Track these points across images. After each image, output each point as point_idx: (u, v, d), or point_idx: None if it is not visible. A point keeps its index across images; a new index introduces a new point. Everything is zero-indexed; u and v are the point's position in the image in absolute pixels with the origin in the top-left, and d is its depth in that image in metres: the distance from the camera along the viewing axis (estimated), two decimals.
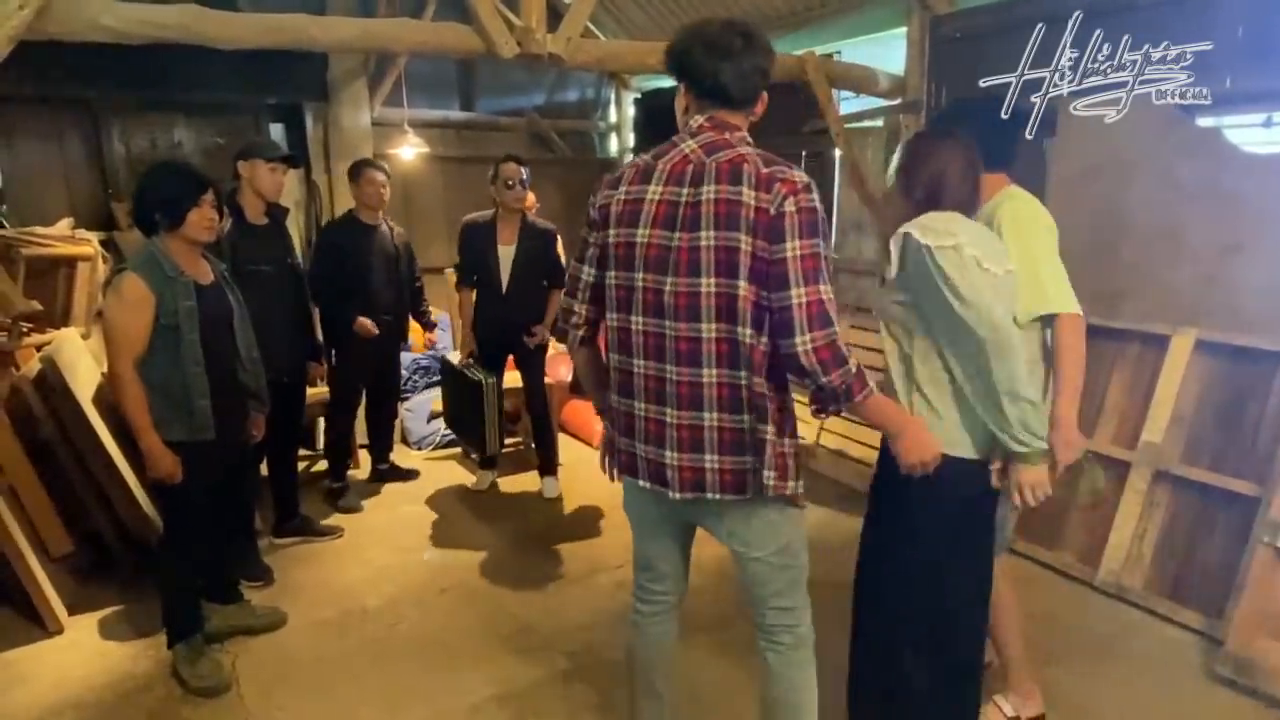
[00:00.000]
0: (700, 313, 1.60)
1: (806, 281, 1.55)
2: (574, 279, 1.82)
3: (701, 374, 1.63)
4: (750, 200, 1.55)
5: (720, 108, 1.67)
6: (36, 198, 4.71)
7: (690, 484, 1.69)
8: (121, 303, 2.36)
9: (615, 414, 1.79)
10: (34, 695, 2.58)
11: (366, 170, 3.90)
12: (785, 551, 1.78)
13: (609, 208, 1.72)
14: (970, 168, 1.83)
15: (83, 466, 3.21)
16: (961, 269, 1.69)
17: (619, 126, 7.19)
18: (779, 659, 1.85)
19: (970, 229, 1.77)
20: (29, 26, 2.59)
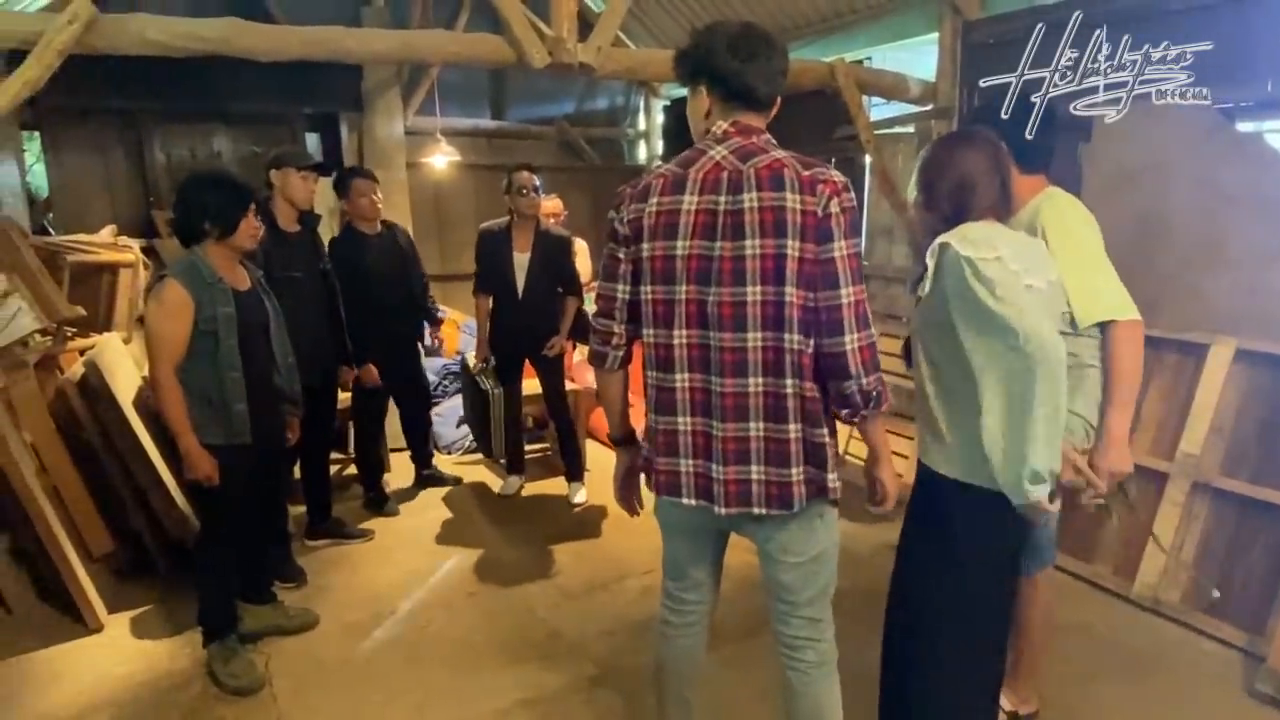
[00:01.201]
0: (746, 322, 1.59)
1: (853, 281, 1.57)
2: (608, 299, 1.75)
3: (748, 384, 1.61)
4: (796, 205, 1.54)
5: (745, 110, 1.67)
6: (81, 206, 4.85)
7: (736, 498, 1.66)
8: (162, 309, 2.42)
9: (653, 434, 1.74)
10: (74, 691, 2.64)
11: (353, 181, 3.84)
12: (820, 558, 1.76)
13: (641, 221, 1.67)
14: (996, 168, 1.74)
15: (123, 468, 3.29)
16: (1007, 284, 1.59)
17: (648, 134, 7.22)
18: (801, 678, 1.81)
19: (1012, 240, 1.70)
20: (77, 41, 2.67)
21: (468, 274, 4.15)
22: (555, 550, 3.67)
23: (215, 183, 2.60)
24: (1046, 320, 1.61)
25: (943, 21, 4.36)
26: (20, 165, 4.55)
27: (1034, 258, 1.73)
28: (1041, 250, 1.81)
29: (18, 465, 2.88)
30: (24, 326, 2.94)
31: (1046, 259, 1.78)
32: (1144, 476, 3.08)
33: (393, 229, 4.04)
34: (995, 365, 1.60)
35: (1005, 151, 1.78)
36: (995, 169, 1.74)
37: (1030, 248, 1.77)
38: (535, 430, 5.05)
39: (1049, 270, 1.74)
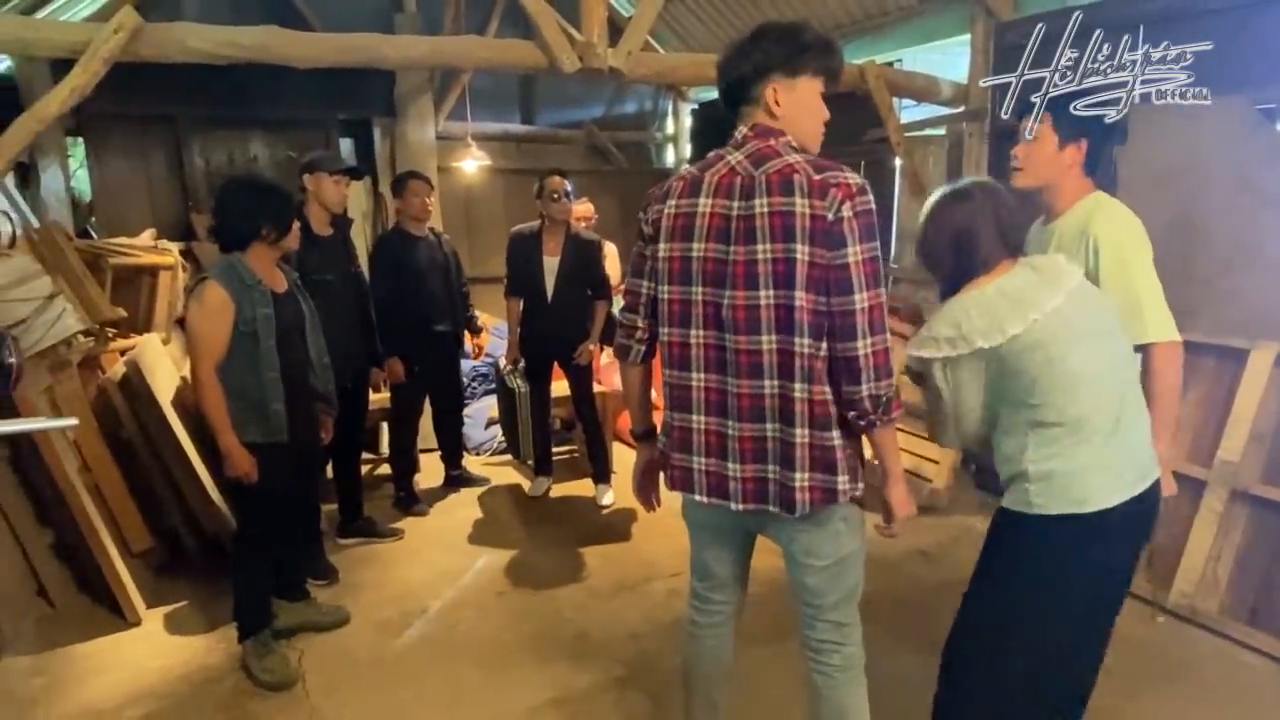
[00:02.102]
0: (760, 325, 1.60)
1: (868, 286, 1.56)
2: (634, 294, 1.81)
3: (763, 385, 1.63)
4: (804, 209, 1.55)
5: (752, 111, 1.68)
6: (123, 210, 4.97)
7: (753, 495, 1.68)
8: (203, 310, 2.48)
9: (669, 429, 1.78)
10: (114, 683, 2.71)
11: (410, 182, 3.94)
12: (845, 562, 1.76)
13: (660, 221, 1.72)
14: (991, 215, 1.70)
15: (162, 466, 3.36)
16: (1016, 354, 1.62)
17: (676, 137, 7.23)
18: (826, 681, 1.82)
19: (974, 308, 1.65)
20: (123, 49, 2.75)
21: (496, 277, 4.20)
22: (583, 552, 3.68)
23: (268, 188, 2.67)
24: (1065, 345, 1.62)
25: (975, 23, 4.33)
26: (65, 170, 4.67)
27: (1025, 291, 1.65)
28: (1046, 272, 1.70)
29: (61, 462, 2.96)
30: (68, 327, 3.03)
31: (1055, 276, 1.68)
32: (1181, 484, 3.02)
33: (439, 235, 4.12)
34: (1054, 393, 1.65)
35: (1001, 194, 1.74)
36: (993, 218, 1.70)
37: (1021, 283, 1.67)
38: (563, 432, 5.08)
39: (1057, 287, 1.65)
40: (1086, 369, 1.63)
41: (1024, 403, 1.65)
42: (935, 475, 4.11)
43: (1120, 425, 1.66)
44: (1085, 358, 1.63)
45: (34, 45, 2.80)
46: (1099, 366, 1.65)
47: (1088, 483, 1.64)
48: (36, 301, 2.95)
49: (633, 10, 6.01)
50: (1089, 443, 1.64)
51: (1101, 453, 1.64)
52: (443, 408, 4.35)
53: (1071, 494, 1.64)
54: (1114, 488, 1.65)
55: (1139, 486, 1.69)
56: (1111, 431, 1.65)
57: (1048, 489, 1.66)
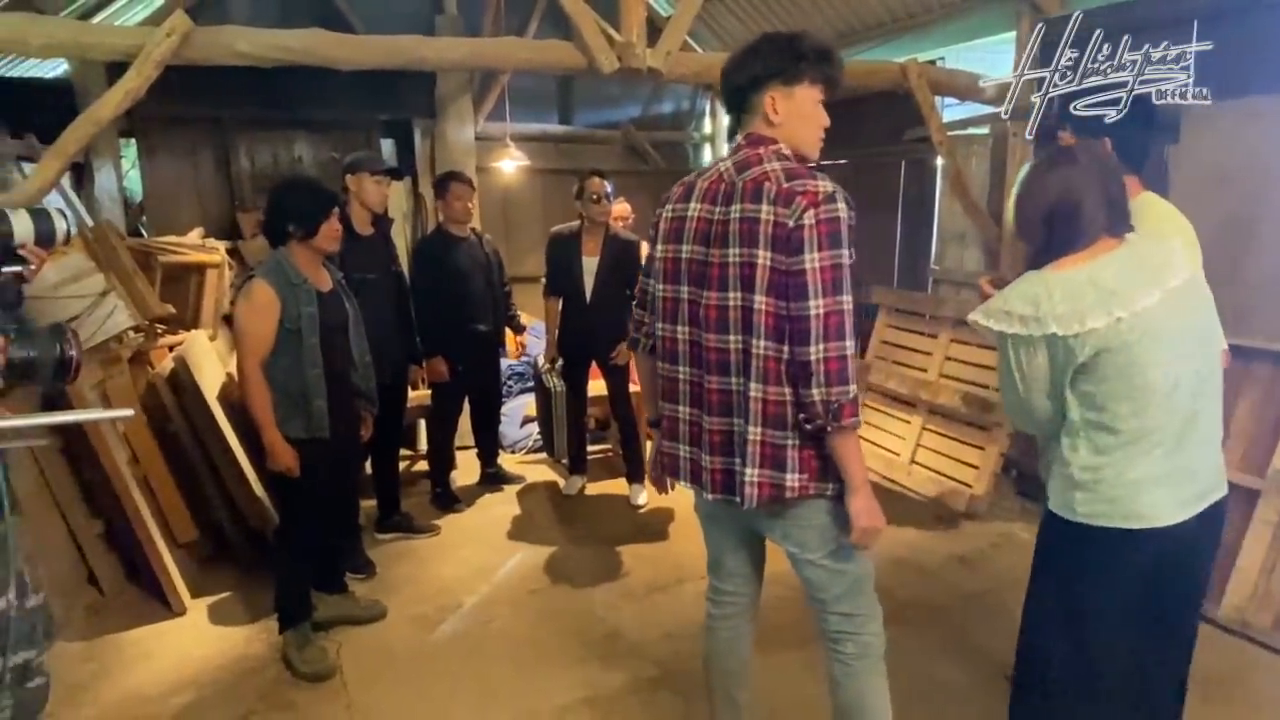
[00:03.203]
0: (728, 325, 1.68)
1: (825, 293, 1.57)
2: (642, 291, 1.93)
3: (730, 382, 1.70)
4: (769, 216, 1.60)
5: (741, 121, 1.75)
6: (172, 209, 5.09)
7: (721, 486, 1.76)
8: (251, 307, 2.53)
9: (662, 418, 1.89)
10: (159, 671, 2.78)
11: (452, 184, 3.98)
12: (838, 555, 1.77)
13: (659, 224, 1.84)
14: (1101, 185, 1.59)
15: (207, 459, 3.44)
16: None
17: (713, 137, 7.20)
18: (843, 669, 1.85)
19: (1058, 289, 1.55)
20: (175, 53, 2.82)
21: (533, 276, 4.23)
22: (616, 551, 3.69)
23: (299, 187, 2.72)
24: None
25: (1020, 20, 4.24)
26: (118, 171, 4.80)
27: (1119, 282, 1.55)
28: (1149, 262, 1.58)
29: (112, 454, 3.04)
30: (120, 323, 3.11)
31: (1159, 269, 1.57)
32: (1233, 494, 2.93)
33: (481, 237, 4.16)
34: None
35: (1112, 162, 1.65)
36: (1100, 186, 1.59)
37: (1116, 272, 1.55)
38: (597, 431, 5.10)
39: (1156, 283, 1.54)
40: (1163, 382, 1.54)
41: (1086, 401, 1.58)
42: (975, 481, 4.04)
43: (1186, 439, 1.58)
44: (1165, 369, 1.54)
45: (91, 49, 2.89)
46: (1177, 379, 1.55)
47: (1140, 498, 1.57)
48: (90, 298, 3.05)
49: (671, 10, 6.01)
50: (1148, 455, 1.56)
51: (1161, 466, 1.57)
52: (481, 406, 4.39)
53: (1120, 507, 1.58)
54: (1170, 506, 1.58)
55: (1199, 505, 1.61)
56: (1176, 446, 1.57)
57: (1094, 498, 1.60)
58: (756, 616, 2.04)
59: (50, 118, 3.70)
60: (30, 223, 1.64)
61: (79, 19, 4.09)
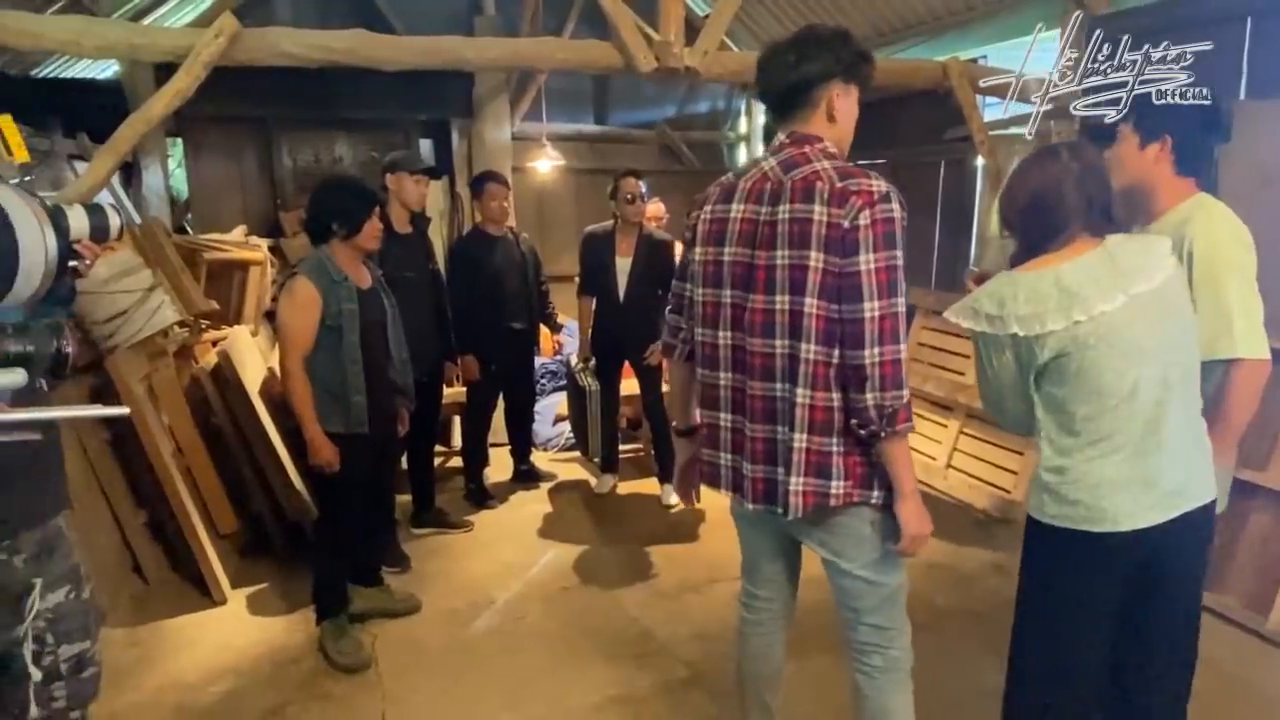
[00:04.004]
0: (775, 329, 1.63)
1: (880, 295, 1.54)
2: (678, 296, 1.88)
3: (775, 388, 1.65)
4: (822, 217, 1.55)
5: (783, 119, 1.70)
6: (216, 207, 5.20)
7: (762, 495, 1.71)
8: (293, 303, 2.58)
9: (701, 426, 1.85)
10: (201, 658, 2.84)
11: (488, 184, 4.02)
12: (878, 566, 1.73)
13: (697, 226, 1.77)
14: (1077, 182, 1.58)
15: (249, 453, 3.51)
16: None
17: (749, 137, 7.17)
18: (867, 681, 1.81)
19: (1024, 291, 1.56)
20: (223, 54, 2.88)
21: (568, 275, 4.25)
22: (648, 550, 3.69)
23: (342, 187, 2.77)
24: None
25: (1066, 17, 4.16)
26: (165, 169, 4.92)
27: (1084, 286, 1.52)
28: (1121, 266, 1.56)
29: (158, 446, 3.12)
30: (166, 318, 3.18)
31: (1129, 272, 1.54)
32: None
33: (518, 235, 4.19)
34: None
35: (1097, 167, 1.62)
36: (1079, 187, 1.58)
37: (1083, 276, 1.54)
38: (629, 430, 5.11)
39: (1121, 288, 1.52)
40: (1118, 386, 1.53)
41: (1049, 402, 1.60)
42: (1013, 486, 3.98)
43: (1149, 445, 1.56)
44: (1122, 374, 1.53)
45: (142, 50, 2.96)
46: (1135, 385, 1.53)
47: (1101, 502, 1.56)
48: (138, 293, 3.12)
49: (708, 9, 6.00)
50: (1108, 459, 1.56)
51: (1122, 471, 1.56)
52: (515, 404, 4.42)
53: (1083, 510, 1.58)
54: (1133, 510, 1.56)
55: (1168, 511, 1.58)
56: (1137, 451, 1.56)
57: (1060, 500, 1.61)
58: (791, 623, 2.01)
59: (101, 117, 3.81)
60: (86, 218, 1.68)
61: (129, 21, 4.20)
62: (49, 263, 0.69)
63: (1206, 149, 1.97)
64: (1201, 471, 1.64)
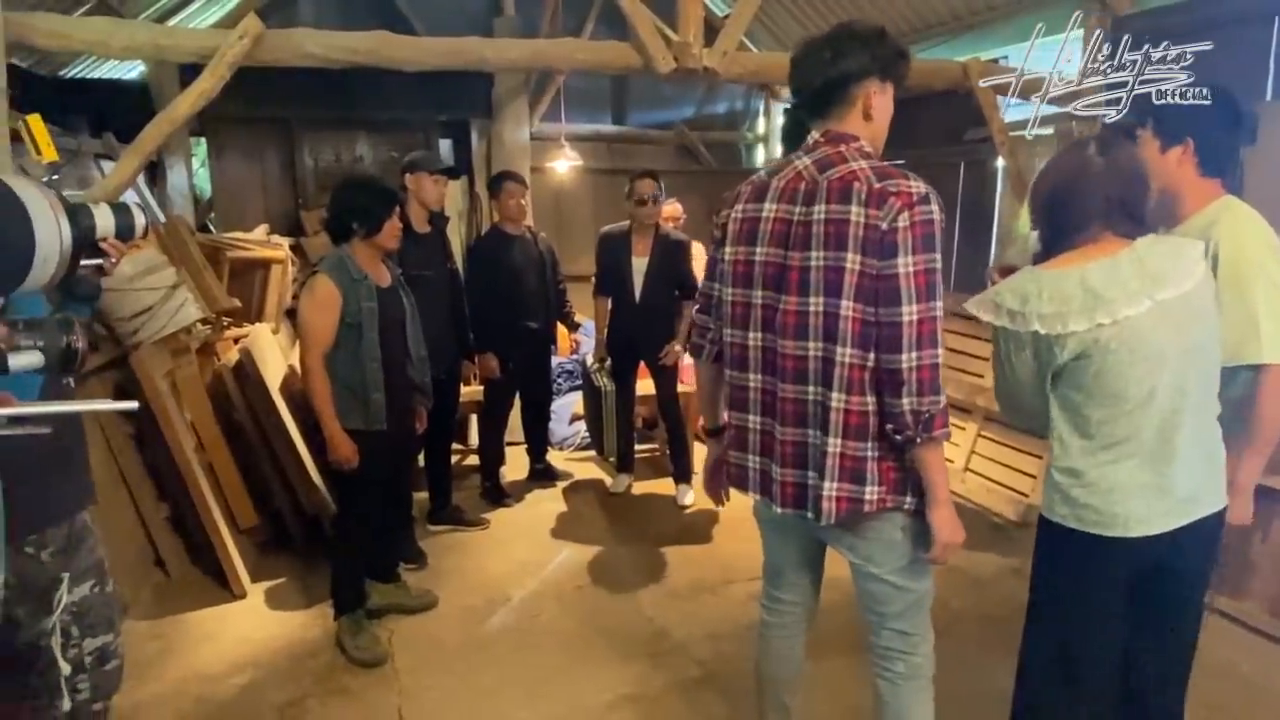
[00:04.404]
0: (807, 331, 1.60)
1: (919, 299, 1.52)
2: (705, 296, 1.86)
3: (807, 391, 1.63)
4: (859, 218, 1.53)
5: (818, 116, 1.67)
6: (239, 206, 5.27)
7: (792, 499, 1.69)
8: (313, 301, 2.61)
9: (728, 428, 1.82)
10: (220, 651, 2.88)
11: (506, 183, 4.05)
12: (906, 572, 1.72)
13: (727, 225, 1.75)
14: (1102, 180, 1.55)
15: (269, 449, 3.55)
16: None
17: (767, 137, 7.16)
18: (889, 687, 1.80)
19: (1048, 288, 1.54)
20: (247, 55, 2.91)
21: (585, 275, 4.26)
22: (663, 551, 3.70)
23: (363, 186, 2.80)
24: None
25: (1088, 18, 4.13)
26: (189, 168, 4.99)
27: (1109, 288, 1.50)
28: (1149, 269, 1.52)
29: (180, 441, 3.16)
30: (189, 315, 3.23)
31: (1157, 276, 1.51)
32: None
33: (536, 235, 4.21)
34: None
35: (1127, 163, 1.59)
36: (1104, 182, 1.55)
37: (1109, 278, 1.51)
38: (645, 430, 5.11)
39: (1147, 293, 1.50)
40: (1135, 392, 1.52)
41: (1065, 402, 1.59)
42: (1031, 490, 3.95)
43: (1163, 452, 1.55)
44: (1140, 380, 1.51)
45: (168, 51, 3.01)
46: (1153, 391, 1.52)
47: (1113, 506, 1.55)
48: (162, 291, 3.16)
49: (727, 10, 5.99)
50: (1121, 464, 1.55)
51: (1134, 476, 1.55)
52: (531, 403, 4.44)
53: (1093, 514, 1.57)
54: (1145, 516, 1.55)
55: (1179, 519, 1.57)
56: (1151, 457, 1.55)
57: (1070, 502, 1.60)
58: (812, 626, 2.00)
59: (127, 117, 3.87)
60: (111, 217, 1.70)
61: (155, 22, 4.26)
62: (63, 252, 0.72)
63: (1231, 151, 1.95)
64: (1214, 478, 1.63)
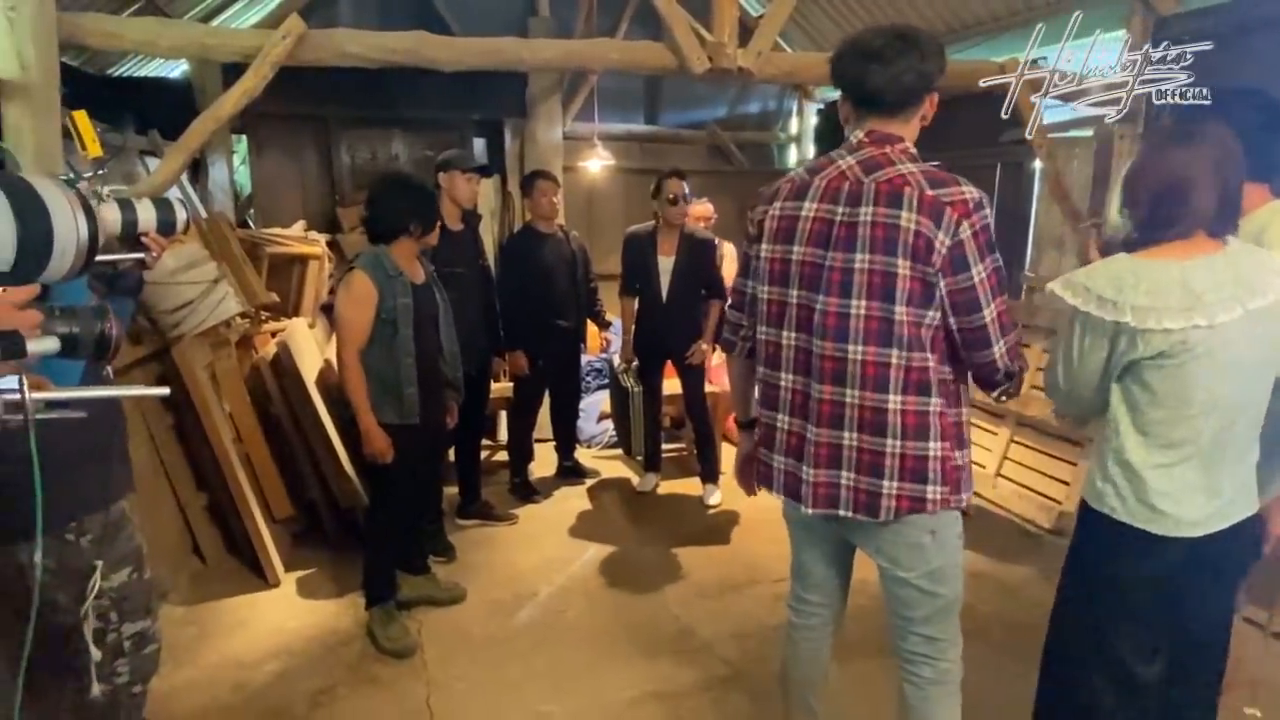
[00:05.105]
0: (848, 334, 1.59)
1: (994, 298, 1.58)
2: (739, 293, 1.86)
3: (844, 393, 1.62)
4: (910, 224, 1.53)
5: (875, 116, 1.64)
6: (277, 203, 5.36)
7: (824, 500, 1.68)
8: (351, 297, 2.66)
9: (758, 425, 1.83)
10: (254, 639, 2.94)
11: (538, 181, 4.09)
12: (934, 577, 1.70)
13: (764, 223, 1.73)
14: (1218, 174, 1.52)
15: (304, 441, 3.62)
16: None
17: (799, 137, 7.12)
18: (916, 692, 1.78)
19: (1146, 280, 1.50)
20: (289, 54, 2.97)
21: (615, 274, 4.28)
22: (689, 550, 3.70)
23: (417, 187, 2.86)
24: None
25: (1131, 18, 4.06)
26: (230, 165, 5.09)
27: (1210, 291, 1.47)
28: (1245, 275, 1.51)
29: (219, 432, 3.23)
30: (229, 309, 3.29)
31: (1251, 284, 1.50)
32: None
33: (568, 233, 4.24)
34: None
35: (1236, 155, 1.56)
36: (1216, 175, 1.52)
37: (1211, 280, 1.49)
38: (671, 430, 5.12)
39: (1242, 301, 1.48)
40: (1203, 400, 1.52)
41: (1128, 396, 1.59)
42: (1064, 497, 3.89)
43: (1214, 456, 1.56)
44: (1208, 388, 1.51)
45: (214, 50, 3.08)
46: (1216, 401, 1.52)
47: (1163, 504, 1.57)
48: (203, 285, 3.23)
49: (761, 10, 5.97)
50: (1175, 466, 1.56)
51: (1185, 478, 1.56)
52: (560, 400, 4.47)
53: (1143, 510, 1.58)
54: (1192, 517, 1.57)
55: (1222, 522, 1.58)
56: (1204, 461, 1.56)
57: (1119, 494, 1.60)
58: (840, 628, 2.00)
59: (171, 115, 3.96)
60: (154, 211, 1.74)
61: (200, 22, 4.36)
62: (80, 245, 0.77)
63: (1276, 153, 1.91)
64: (1249, 483, 1.64)
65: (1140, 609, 1.66)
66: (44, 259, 0.75)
